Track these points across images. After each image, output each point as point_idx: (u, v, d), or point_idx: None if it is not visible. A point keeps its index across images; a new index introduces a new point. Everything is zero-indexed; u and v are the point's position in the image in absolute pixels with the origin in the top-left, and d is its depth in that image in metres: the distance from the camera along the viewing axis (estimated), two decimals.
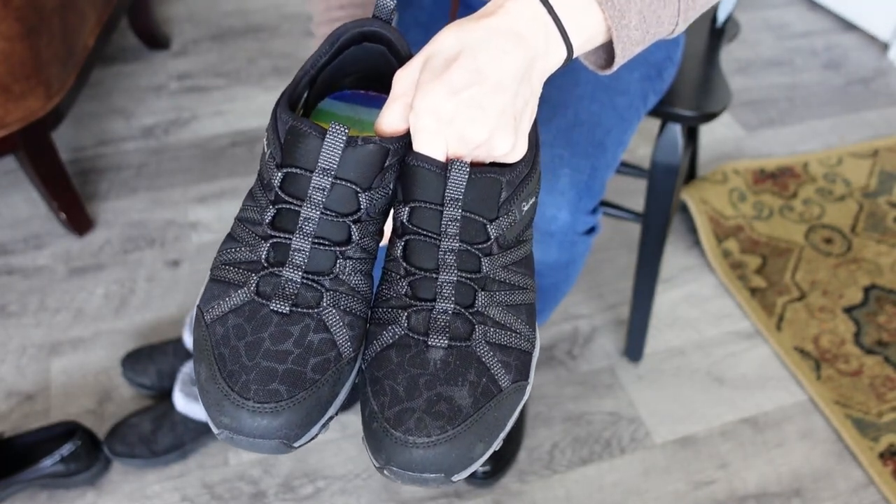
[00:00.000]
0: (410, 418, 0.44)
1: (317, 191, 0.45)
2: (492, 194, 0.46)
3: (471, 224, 0.46)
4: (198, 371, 0.46)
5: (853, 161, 1.66)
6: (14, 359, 1.25)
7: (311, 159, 0.45)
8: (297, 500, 1.09)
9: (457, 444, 0.44)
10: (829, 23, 2.11)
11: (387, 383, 0.46)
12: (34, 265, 1.39)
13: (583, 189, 0.80)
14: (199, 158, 1.62)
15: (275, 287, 0.46)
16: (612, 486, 1.13)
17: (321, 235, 0.46)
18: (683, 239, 1.49)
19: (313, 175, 0.45)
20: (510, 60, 0.44)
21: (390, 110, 0.46)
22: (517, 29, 0.45)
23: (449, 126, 0.44)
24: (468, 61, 0.44)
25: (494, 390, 0.46)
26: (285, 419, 0.44)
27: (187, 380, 1.10)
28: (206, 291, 0.49)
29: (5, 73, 1.16)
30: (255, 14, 2.05)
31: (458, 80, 0.43)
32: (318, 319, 0.46)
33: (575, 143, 0.80)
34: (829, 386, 1.25)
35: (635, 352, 1.27)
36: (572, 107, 0.83)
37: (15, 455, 1.08)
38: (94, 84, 1.79)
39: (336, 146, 0.44)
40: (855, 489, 1.13)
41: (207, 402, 0.45)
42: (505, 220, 0.47)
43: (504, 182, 0.46)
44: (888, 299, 1.38)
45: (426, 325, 0.46)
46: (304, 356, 0.45)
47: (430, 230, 0.46)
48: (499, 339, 0.47)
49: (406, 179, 0.46)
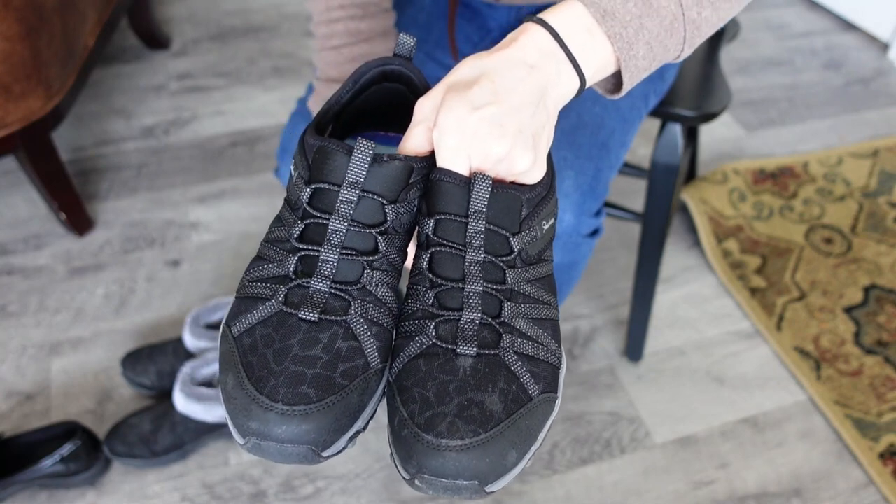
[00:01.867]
0: (442, 422, 0.43)
1: (344, 203, 0.46)
2: (513, 209, 0.47)
3: (495, 236, 0.47)
4: (224, 381, 0.45)
5: (853, 161, 1.66)
6: (14, 359, 1.25)
7: (339, 174, 0.46)
8: (297, 500, 1.09)
9: (490, 450, 0.43)
10: (829, 23, 2.11)
11: (416, 391, 0.45)
12: (34, 265, 1.39)
13: (587, 191, 0.80)
14: (199, 158, 1.62)
15: (303, 297, 0.46)
16: (612, 485, 1.13)
17: (349, 246, 0.47)
18: (683, 239, 1.49)
19: (341, 189, 0.46)
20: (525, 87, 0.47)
21: (413, 134, 0.48)
22: (530, 61, 0.47)
23: (472, 141, 0.46)
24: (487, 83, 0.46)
25: (525, 398, 0.46)
26: (315, 424, 0.43)
27: (187, 380, 1.10)
28: (231, 310, 0.48)
29: (5, 73, 1.16)
30: (255, 14, 2.05)
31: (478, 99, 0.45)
32: (347, 328, 0.46)
33: (579, 145, 0.80)
34: (829, 386, 1.25)
35: (635, 352, 1.27)
36: (575, 109, 0.83)
37: (15, 455, 1.08)
38: (95, 84, 1.79)
39: (363, 160, 0.46)
40: (855, 489, 1.13)
41: (233, 409, 0.44)
42: (527, 235, 0.48)
43: (524, 200, 0.47)
44: (888, 299, 1.38)
45: (454, 333, 0.46)
46: (332, 362, 0.45)
47: (456, 242, 0.47)
48: (526, 349, 0.47)
49: (431, 194, 0.47)
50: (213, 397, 1.08)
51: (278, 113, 1.74)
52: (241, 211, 1.51)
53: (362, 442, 1.16)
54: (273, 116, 1.73)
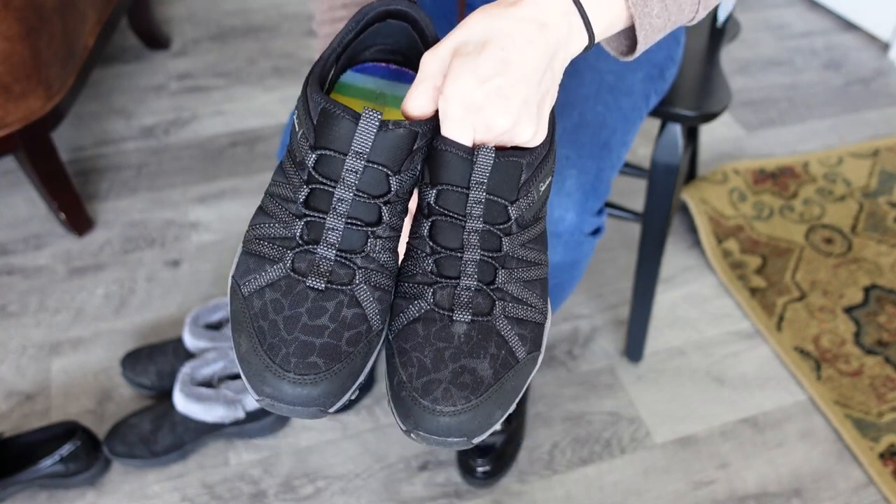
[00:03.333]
0: (437, 389, 0.47)
1: (350, 173, 0.47)
2: (513, 177, 0.48)
3: (494, 206, 0.49)
4: (237, 342, 0.49)
5: (853, 161, 1.66)
6: (14, 359, 1.25)
7: (345, 142, 0.47)
8: (297, 500, 1.09)
9: (479, 412, 0.48)
10: (830, 22, 2.11)
11: (414, 355, 0.49)
12: (34, 265, 1.39)
13: (589, 190, 0.80)
14: (199, 158, 1.62)
15: (309, 264, 0.48)
16: (612, 486, 1.13)
17: (354, 216, 0.48)
18: (683, 239, 1.49)
19: (347, 158, 0.47)
20: (535, 51, 0.46)
21: (418, 92, 0.47)
22: (542, 18, 0.47)
23: (477, 114, 0.46)
24: (496, 51, 0.45)
25: (512, 362, 0.50)
26: (323, 389, 0.47)
27: (187, 380, 1.10)
28: (240, 264, 0.51)
29: (5, 72, 1.16)
30: (255, 14, 2.05)
31: (486, 70, 0.45)
32: (352, 296, 0.49)
33: (581, 144, 0.80)
34: (829, 386, 1.25)
35: (635, 352, 1.27)
36: (578, 108, 0.83)
37: (15, 455, 1.08)
38: (94, 84, 1.79)
39: (369, 130, 0.46)
40: (855, 489, 1.13)
41: (249, 372, 0.47)
42: (524, 201, 0.50)
43: (525, 164, 0.49)
44: (888, 299, 1.38)
45: (451, 300, 0.49)
46: (338, 330, 0.48)
47: (456, 212, 0.49)
48: (516, 313, 0.50)
49: (433, 162, 0.48)
50: (212, 397, 1.08)
51: (278, 113, 1.74)
52: (241, 211, 1.51)
53: (362, 442, 1.16)
54: (273, 116, 1.73)
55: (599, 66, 0.86)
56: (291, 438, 1.16)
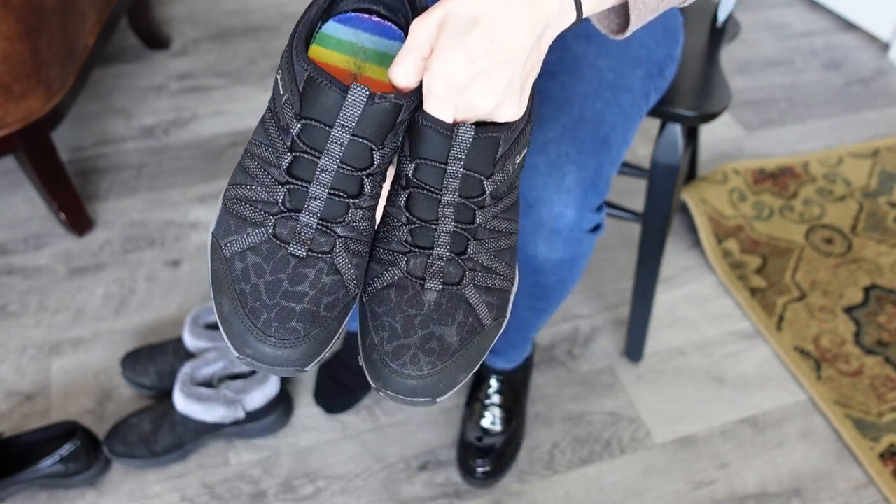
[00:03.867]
0: (406, 354, 0.50)
1: (335, 145, 0.48)
2: (490, 152, 0.49)
3: (470, 180, 0.50)
4: (219, 303, 0.50)
5: (853, 161, 1.66)
6: (14, 359, 1.25)
7: (331, 114, 0.47)
8: (297, 500, 1.09)
9: (444, 376, 0.50)
10: (830, 22, 2.11)
11: (386, 320, 0.51)
12: (34, 265, 1.39)
13: (589, 186, 0.80)
14: (199, 158, 1.62)
15: (291, 230, 0.49)
16: (612, 486, 1.13)
17: (337, 187, 0.49)
18: (683, 239, 1.49)
19: (332, 130, 0.47)
20: (523, 32, 0.46)
21: (405, 63, 0.47)
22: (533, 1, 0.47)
23: (461, 94, 0.46)
24: (484, 30, 0.45)
25: (479, 328, 0.52)
26: (301, 351, 0.49)
27: (187, 380, 1.10)
28: (220, 222, 0.51)
29: (5, 72, 1.16)
30: (255, 14, 2.05)
31: (473, 49, 0.45)
32: (331, 263, 0.50)
33: (581, 140, 0.80)
34: (829, 386, 1.25)
35: (635, 352, 1.27)
36: (577, 104, 0.83)
37: (14, 455, 1.08)
38: (94, 84, 1.79)
39: (357, 105, 0.46)
40: (855, 489, 1.13)
41: (231, 333, 0.49)
42: (500, 175, 0.51)
43: (502, 137, 0.49)
44: (888, 299, 1.38)
45: (423, 269, 0.51)
46: (318, 297, 0.49)
47: (433, 185, 0.50)
48: (485, 282, 0.53)
49: (413, 136, 0.49)
50: (212, 397, 1.08)
51: None
52: None
53: (362, 442, 1.16)
54: None
55: (599, 64, 0.86)
56: (291, 438, 1.16)
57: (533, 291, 0.90)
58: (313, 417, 1.19)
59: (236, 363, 1.12)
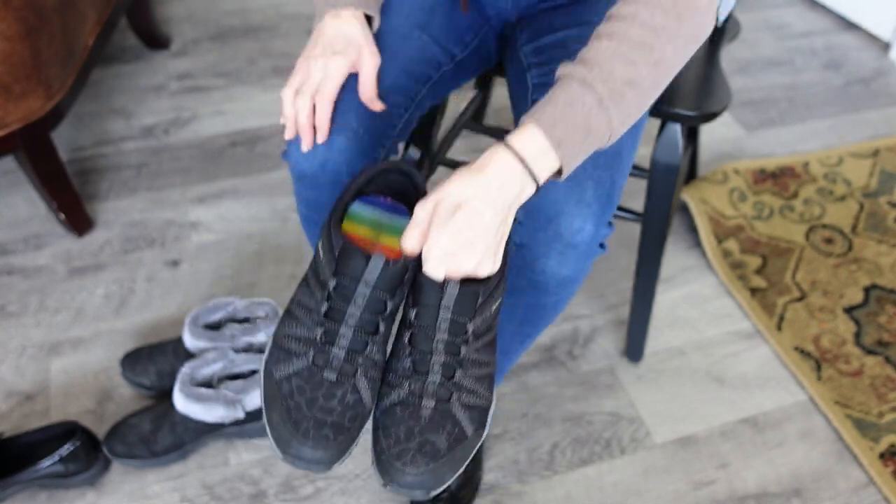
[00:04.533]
0: (407, 455, 0.67)
1: (359, 296, 0.66)
2: (472, 301, 0.67)
3: (456, 323, 0.68)
4: (269, 414, 0.67)
5: (854, 161, 1.66)
6: (14, 359, 1.24)
7: (358, 273, 0.66)
8: (297, 500, 1.09)
9: (436, 474, 0.67)
10: (830, 22, 2.11)
11: (392, 430, 0.69)
12: (34, 265, 1.39)
13: (605, 200, 0.80)
14: (198, 158, 1.62)
15: (325, 359, 0.68)
16: (612, 486, 1.13)
17: (359, 327, 0.67)
18: (683, 239, 1.49)
19: (358, 285, 0.66)
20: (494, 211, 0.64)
21: (412, 235, 0.65)
22: (501, 181, 0.64)
23: (450, 259, 0.64)
24: (466, 211, 0.63)
25: (462, 437, 0.69)
26: (331, 453, 0.66)
27: (187, 380, 1.10)
28: (271, 354, 0.70)
29: (5, 72, 1.16)
30: (255, 14, 2.05)
31: (458, 226, 0.63)
32: (353, 385, 0.68)
33: (595, 155, 0.80)
34: (829, 386, 1.25)
35: (635, 352, 1.27)
36: None
37: (14, 455, 1.08)
38: (94, 84, 1.79)
39: (376, 268, 0.65)
40: (855, 489, 1.13)
41: (278, 438, 0.66)
42: (479, 318, 0.69)
43: (482, 290, 0.67)
44: (889, 299, 1.38)
45: (421, 390, 0.69)
46: (343, 412, 0.67)
47: (429, 326, 0.68)
48: (468, 401, 0.71)
49: (416, 289, 0.68)
50: (212, 397, 1.08)
51: (278, 113, 1.74)
52: (240, 211, 1.51)
53: (362, 443, 1.16)
54: (273, 116, 1.73)
55: None
56: None
57: (524, 315, 0.89)
58: None
59: (236, 363, 1.12)
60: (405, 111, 0.88)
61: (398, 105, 0.87)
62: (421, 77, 0.90)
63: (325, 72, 0.80)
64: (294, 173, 0.84)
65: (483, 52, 0.98)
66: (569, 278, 0.83)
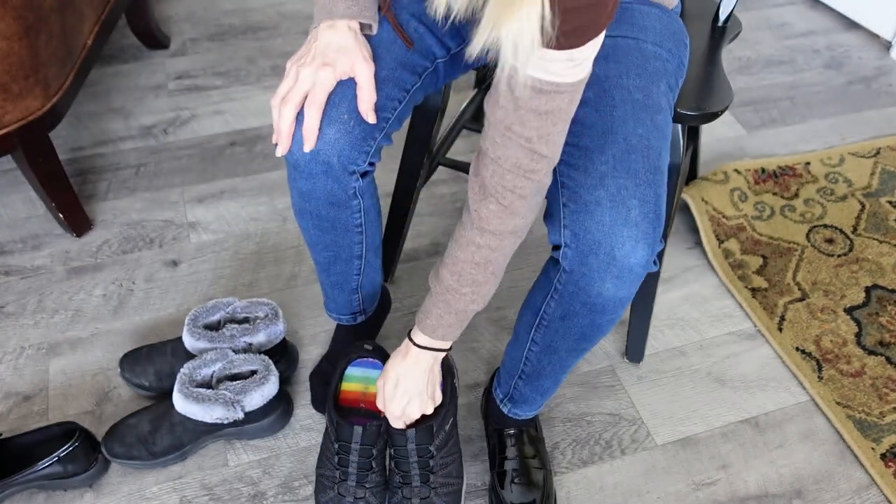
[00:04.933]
0: None
1: (354, 451, 1.01)
2: (428, 433, 0.99)
3: (421, 448, 0.99)
4: None
5: (855, 160, 1.65)
6: (12, 359, 1.24)
7: (349, 438, 1.00)
8: (296, 500, 1.09)
9: None
10: (831, 21, 2.10)
11: None
12: (32, 265, 1.39)
13: (653, 218, 0.79)
14: (197, 158, 1.61)
15: (345, 488, 1.02)
16: (612, 486, 1.12)
17: (360, 468, 1.01)
18: (684, 239, 1.49)
19: (352, 444, 1.00)
20: (420, 373, 0.93)
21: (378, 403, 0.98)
22: (419, 361, 0.93)
23: (400, 414, 0.95)
24: (402, 384, 0.94)
25: None
26: None
27: (186, 380, 1.09)
28: (317, 483, 1.04)
29: (3, 72, 1.16)
30: (254, 13, 2.04)
31: (399, 394, 0.94)
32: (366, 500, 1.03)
33: (635, 172, 0.79)
34: (830, 386, 1.25)
35: (636, 352, 1.27)
36: (619, 132, 0.82)
37: (13, 456, 1.07)
38: (93, 84, 1.78)
39: (359, 433, 0.99)
40: (857, 490, 1.13)
41: None
42: (438, 439, 1.00)
43: (435, 424, 0.98)
44: (890, 300, 1.38)
45: (410, 493, 1.02)
46: None
47: (404, 456, 1.00)
48: (444, 491, 1.03)
49: (391, 437, 1.00)
50: (211, 398, 1.08)
51: None
52: (239, 211, 1.50)
53: None
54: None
55: (625, 84, 0.85)
56: (291, 439, 1.16)
57: (583, 332, 0.88)
58: (312, 418, 1.19)
59: (235, 363, 1.12)
60: (399, 102, 0.88)
61: (391, 97, 0.87)
62: (416, 68, 0.89)
63: (313, 81, 0.81)
64: (288, 162, 0.87)
65: None
66: (626, 298, 0.82)
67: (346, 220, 0.93)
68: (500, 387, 1.07)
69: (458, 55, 0.95)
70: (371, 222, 0.97)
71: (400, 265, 1.42)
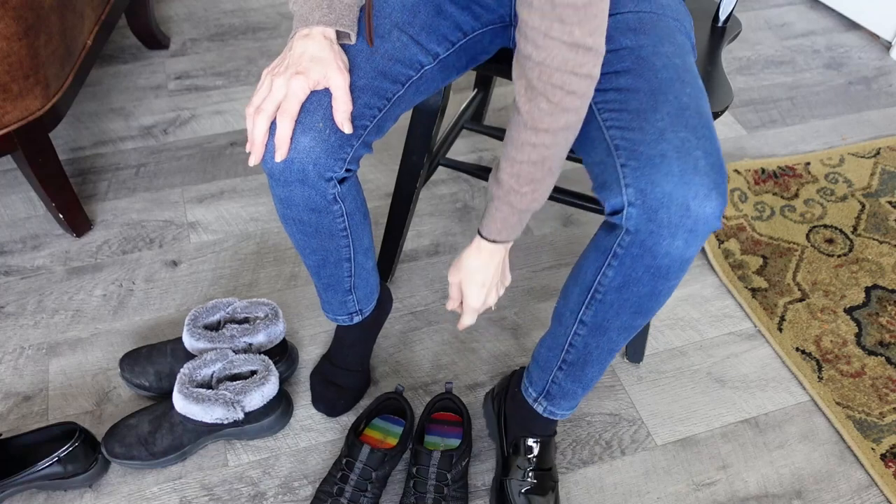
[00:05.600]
0: None
1: (356, 470, 1.06)
2: (448, 460, 1.07)
3: (441, 474, 1.06)
4: None
5: (855, 161, 1.65)
6: (12, 359, 1.24)
7: (355, 455, 1.07)
8: (296, 501, 1.09)
9: None
10: (831, 22, 2.10)
11: None
12: (32, 265, 1.39)
13: (719, 169, 0.77)
14: (197, 158, 1.61)
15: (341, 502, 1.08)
16: (612, 487, 1.12)
17: (357, 487, 1.06)
18: None
19: (356, 462, 1.06)
20: (492, 267, 0.96)
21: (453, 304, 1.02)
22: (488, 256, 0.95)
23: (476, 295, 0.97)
24: (477, 273, 0.96)
25: None
26: None
27: (186, 381, 1.09)
28: (315, 499, 1.08)
29: (3, 72, 1.16)
30: (253, 13, 2.04)
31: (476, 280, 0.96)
32: None
33: (693, 126, 0.78)
34: (830, 387, 1.25)
35: (636, 353, 1.27)
36: (669, 92, 0.81)
37: (13, 456, 1.07)
38: (93, 84, 1.78)
39: (365, 452, 1.06)
40: (857, 490, 1.13)
41: None
42: (455, 470, 1.07)
43: (455, 454, 1.07)
44: (890, 300, 1.38)
45: None
46: None
47: (423, 476, 1.07)
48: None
49: (413, 455, 1.09)
50: (211, 398, 1.08)
51: None
52: (239, 211, 1.50)
53: None
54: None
55: (662, 51, 0.85)
56: (290, 440, 1.16)
57: (640, 304, 0.86)
58: (312, 418, 1.19)
59: (235, 364, 1.12)
60: (378, 111, 0.87)
61: (369, 105, 0.86)
62: (398, 77, 0.89)
63: (286, 90, 0.81)
64: (266, 171, 0.86)
65: (473, 50, 0.97)
66: (690, 259, 0.80)
67: (329, 224, 0.92)
68: (534, 385, 1.03)
69: (448, 60, 0.95)
70: (356, 225, 0.96)
71: (400, 265, 1.42)
